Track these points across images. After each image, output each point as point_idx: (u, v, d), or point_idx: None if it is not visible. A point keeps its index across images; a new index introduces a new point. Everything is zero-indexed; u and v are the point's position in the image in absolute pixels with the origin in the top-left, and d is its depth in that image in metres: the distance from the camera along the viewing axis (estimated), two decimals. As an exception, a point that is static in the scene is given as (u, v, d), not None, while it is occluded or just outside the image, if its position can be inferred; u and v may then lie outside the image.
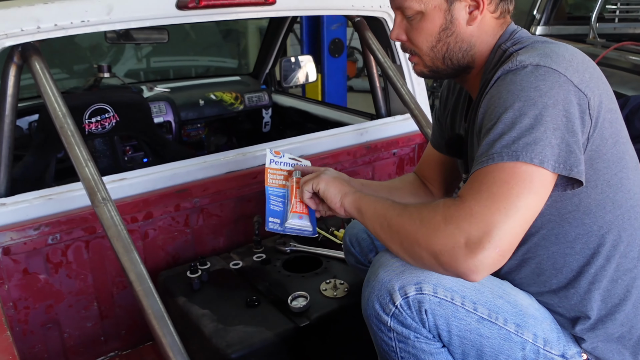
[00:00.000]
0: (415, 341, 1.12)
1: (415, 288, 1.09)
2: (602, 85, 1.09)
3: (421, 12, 1.17)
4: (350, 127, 2.18)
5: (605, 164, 1.07)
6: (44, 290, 1.61)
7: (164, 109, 2.74)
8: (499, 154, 0.99)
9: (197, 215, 1.83)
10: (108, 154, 2.20)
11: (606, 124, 1.06)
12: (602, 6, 4.44)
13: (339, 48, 4.88)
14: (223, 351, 1.35)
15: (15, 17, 1.44)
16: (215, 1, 1.64)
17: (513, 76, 1.04)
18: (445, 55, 1.19)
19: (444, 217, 1.00)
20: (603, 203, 1.09)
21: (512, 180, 0.97)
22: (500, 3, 1.18)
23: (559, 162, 0.98)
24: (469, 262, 0.97)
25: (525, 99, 1.00)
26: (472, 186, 1.01)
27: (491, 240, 0.95)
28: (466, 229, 0.97)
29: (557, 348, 1.14)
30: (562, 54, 1.06)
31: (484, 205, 0.97)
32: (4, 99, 1.52)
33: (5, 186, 1.56)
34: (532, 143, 0.97)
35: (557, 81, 1.01)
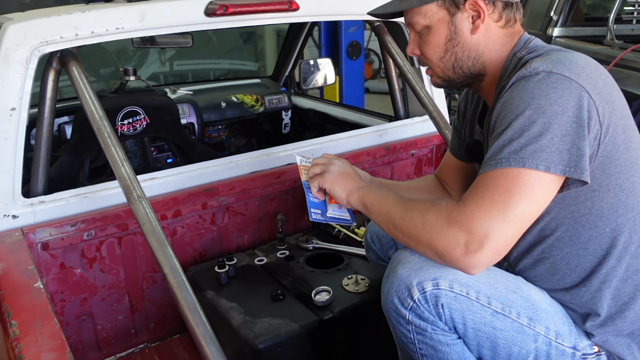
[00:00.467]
0: (432, 333, 1.18)
1: (432, 284, 1.14)
2: (614, 93, 1.13)
3: (428, 26, 1.24)
4: (370, 129, 2.24)
5: (618, 169, 1.12)
6: (79, 284, 1.69)
7: (187, 111, 2.82)
8: (507, 159, 1.05)
9: (223, 213, 1.90)
10: (139, 154, 2.29)
11: (619, 130, 1.11)
12: (619, 7, 4.44)
13: (357, 50, 4.93)
14: (251, 342, 1.42)
15: (55, 25, 1.52)
16: (242, 8, 1.71)
17: (526, 83, 1.09)
18: (454, 64, 1.26)
19: (446, 220, 1.08)
20: (615, 206, 1.14)
21: (513, 189, 1.04)
22: (505, 11, 1.22)
23: (570, 166, 1.04)
24: (468, 261, 1.07)
25: (535, 107, 1.05)
26: (477, 190, 1.08)
27: (489, 242, 1.04)
28: (467, 232, 1.06)
29: (568, 340, 1.18)
30: (576, 61, 1.10)
31: (484, 210, 1.05)
32: (43, 102, 1.61)
33: (43, 185, 1.64)
34: (539, 150, 1.03)
35: (568, 88, 1.05)
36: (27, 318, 1.15)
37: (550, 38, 4.87)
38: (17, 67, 1.49)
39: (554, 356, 1.18)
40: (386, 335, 1.39)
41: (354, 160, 2.11)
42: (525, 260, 1.25)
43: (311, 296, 1.56)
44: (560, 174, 1.04)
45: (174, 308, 1.88)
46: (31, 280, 1.29)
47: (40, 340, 1.07)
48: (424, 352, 1.21)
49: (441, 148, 2.34)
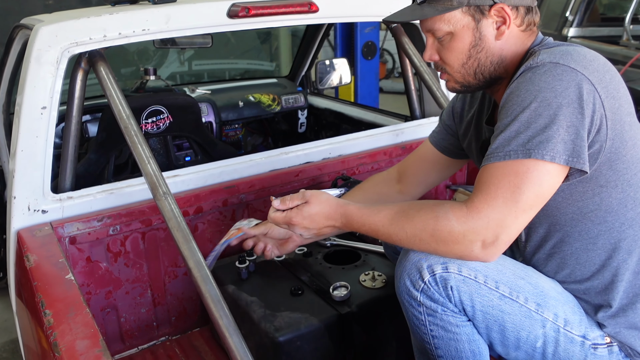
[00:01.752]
0: (443, 314, 1.23)
1: (441, 267, 1.19)
2: (621, 89, 1.16)
3: (451, 33, 1.24)
4: (386, 128, 2.27)
5: (625, 165, 1.15)
6: (104, 278, 1.75)
7: (205, 110, 2.88)
8: (515, 151, 1.08)
9: (243, 210, 1.94)
10: (162, 152, 2.35)
11: (626, 127, 1.14)
12: (636, 7, 4.42)
13: (372, 51, 4.96)
14: (272, 334, 1.46)
15: (85, 27, 1.57)
16: (263, 10, 1.76)
17: (532, 74, 1.11)
18: (477, 70, 1.26)
19: (462, 231, 1.12)
20: (624, 201, 1.17)
21: (523, 185, 1.08)
22: (526, 16, 1.24)
23: (574, 156, 1.08)
24: (486, 255, 1.14)
25: (541, 100, 1.08)
26: (489, 189, 1.10)
27: (502, 236, 1.11)
28: (483, 234, 1.11)
29: (578, 329, 1.22)
30: (584, 55, 1.13)
31: (497, 210, 1.09)
32: (71, 101, 1.66)
33: (71, 181, 1.70)
34: (544, 141, 1.07)
35: (574, 80, 1.08)
36: (61, 308, 1.20)
37: (565, 38, 4.86)
38: (49, 68, 1.54)
39: (562, 343, 1.21)
40: (402, 330, 1.43)
41: (370, 159, 2.14)
42: (538, 254, 1.29)
43: (329, 291, 1.60)
44: (564, 164, 1.08)
45: (195, 302, 1.94)
46: (62, 272, 1.34)
47: (74, 328, 1.12)
48: (435, 333, 1.26)
49: (457, 148, 2.36)
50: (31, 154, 1.57)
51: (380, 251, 1.79)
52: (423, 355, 1.37)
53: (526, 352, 1.24)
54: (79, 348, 1.07)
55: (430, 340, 1.28)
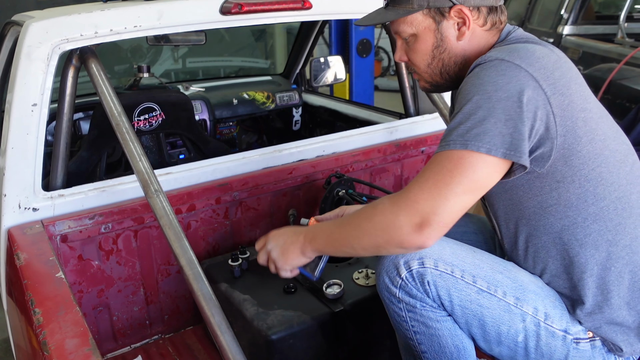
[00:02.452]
0: (422, 310, 1.24)
1: (418, 262, 1.21)
2: (573, 86, 1.16)
3: (414, 35, 1.27)
4: (380, 126, 2.27)
5: (581, 160, 1.15)
6: (96, 276, 1.74)
7: (199, 107, 2.86)
8: (454, 141, 1.10)
9: (236, 208, 1.94)
10: (154, 150, 2.33)
11: (579, 123, 1.14)
12: (631, 5, 4.43)
13: (367, 48, 4.95)
14: (264, 333, 1.46)
15: (76, 23, 1.56)
16: (257, 7, 1.75)
17: (480, 70, 1.14)
18: (441, 70, 1.29)
19: (392, 212, 1.14)
20: (584, 196, 1.17)
21: (455, 170, 1.09)
22: (490, 16, 1.25)
23: (511, 149, 1.08)
24: (422, 238, 1.12)
25: (482, 93, 1.10)
26: (423, 173, 1.14)
27: (435, 218, 1.10)
28: (414, 216, 1.11)
29: (559, 323, 1.22)
30: (532, 51, 1.14)
31: (427, 191, 1.11)
32: (63, 98, 1.65)
33: (62, 179, 1.68)
34: (482, 133, 1.08)
35: (516, 75, 1.09)
36: (51, 306, 1.19)
37: (560, 36, 4.87)
38: (39, 64, 1.53)
39: (543, 337, 1.21)
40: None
41: (364, 157, 2.14)
42: (516, 250, 1.30)
43: (322, 289, 1.59)
44: (502, 157, 1.08)
45: (188, 300, 1.93)
46: (53, 271, 1.33)
47: (64, 327, 1.12)
48: (417, 329, 1.26)
49: (451, 145, 2.36)
50: (22, 151, 1.56)
51: (374, 249, 1.78)
52: (408, 351, 1.38)
53: (508, 347, 1.24)
54: (68, 347, 1.06)
55: (413, 337, 1.29)
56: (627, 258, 1.21)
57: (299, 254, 1.34)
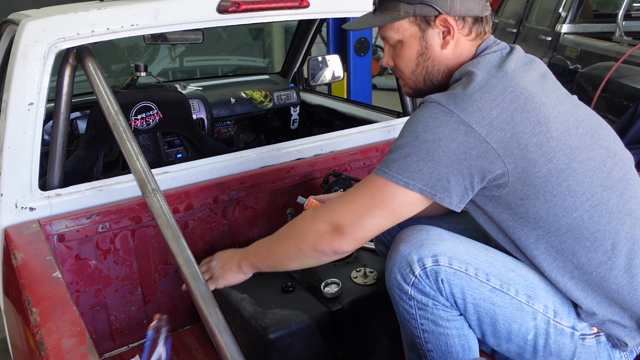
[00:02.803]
0: (434, 308, 1.24)
1: (432, 260, 1.21)
2: (517, 116, 1.14)
3: (400, 41, 1.29)
4: (378, 125, 2.27)
5: (542, 179, 1.16)
6: (93, 275, 1.73)
7: (197, 106, 2.86)
8: (378, 169, 1.20)
9: (234, 207, 1.93)
10: (151, 149, 2.33)
11: (531, 148, 1.14)
12: (629, 4, 4.44)
13: (365, 47, 4.95)
14: (262, 332, 1.46)
15: (72, 22, 1.55)
16: (254, 5, 1.74)
17: (420, 109, 1.19)
18: (425, 77, 1.31)
19: (312, 218, 1.27)
20: (553, 210, 1.19)
21: (376, 193, 1.19)
22: (475, 25, 1.27)
23: (428, 186, 1.15)
24: (334, 244, 1.24)
25: (412, 130, 1.17)
26: (350, 190, 1.26)
27: (347, 229, 1.22)
28: (328, 220, 1.24)
29: (567, 320, 1.23)
30: (471, 94, 1.14)
31: (346, 205, 1.23)
32: (59, 97, 1.64)
33: (59, 178, 1.68)
34: (403, 168, 1.16)
35: (446, 120, 1.13)
36: (47, 306, 1.19)
37: (558, 35, 4.88)
38: (35, 63, 1.52)
39: (553, 335, 1.22)
40: (394, 327, 1.42)
41: (362, 155, 2.14)
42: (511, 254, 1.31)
43: (320, 288, 1.59)
44: (418, 192, 1.15)
45: (186, 300, 1.93)
46: (49, 270, 1.33)
47: (61, 327, 1.11)
48: (425, 327, 1.26)
49: (449, 144, 2.36)
50: (18, 151, 1.55)
51: (372, 247, 1.78)
52: (413, 349, 1.37)
53: (517, 344, 1.24)
54: (65, 346, 1.06)
55: (421, 335, 1.28)
56: (610, 263, 1.21)
57: (236, 270, 1.45)
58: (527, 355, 1.26)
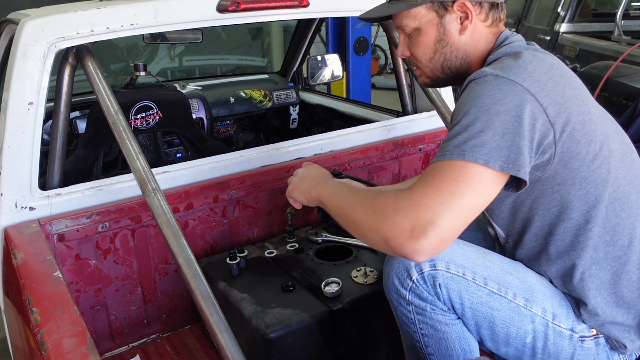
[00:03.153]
0: (432, 313, 1.23)
1: (429, 265, 1.20)
2: (567, 92, 1.16)
3: (417, 29, 1.28)
4: (378, 124, 2.27)
5: (580, 163, 1.16)
6: (93, 275, 1.73)
7: (196, 106, 2.86)
8: (451, 152, 1.09)
9: (234, 206, 1.93)
10: (151, 148, 2.33)
11: (577, 127, 1.14)
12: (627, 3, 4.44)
13: (364, 46, 4.95)
14: (262, 331, 1.46)
15: (72, 22, 1.55)
16: (254, 4, 1.74)
17: (475, 85, 1.14)
18: (443, 64, 1.30)
19: (394, 207, 1.09)
20: (584, 198, 1.18)
21: (460, 179, 1.06)
22: (491, 11, 1.27)
23: (508, 162, 1.07)
24: (413, 246, 1.06)
25: (479, 105, 1.10)
26: (426, 179, 1.10)
27: (433, 229, 1.05)
28: (412, 218, 1.06)
29: (565, 323, 1.22)
30: (524, 66, 1.14)
31: (431, 198, 1.06)
32: (59, 96, 1.64)
33: (59, 178, 1.68)
34: (479, 145, 1.07)
35: (512, 90, 1.10)
36: (48, 306, 1.18)
37: (557, 34, 4.88)
38: (35, 63, 1.52)
39: (551, 337, 1.22)
40: (394, 326, 1.42)
41: (362, 155, 2.14)
42: (520, 250, 1.30)
43: (321, 287, 1.59)
44: (499, 170, 1.07)
45: (186, 299, 1.93)
46: (50, 270, 1.32)
47: (62, 326, 1.11)
48: (425, 332, 1.26)
49: (448, 143, 2.36)
50: (18, 150, 1.55)
51: (372, 247, 1.78)
52: (413, 353, 1.37)
53: (516, 347, 1.24)
54: (66, 346, 1.06)
55: (420, 339, 1.28)
56: (625, 258, 1.21)
57: (304, 192, 1.40)
58: (525, 358, 1.26)
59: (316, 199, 1.36)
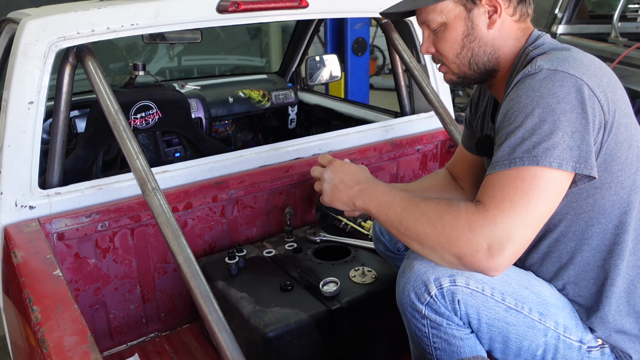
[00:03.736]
0: (447, 328, 1.21)
1: (449, 280, 1.16)
2: (618, 91, 1.15)
3: (444, 23, 1.24)
4: (376, 124, 2.28)
5: (620, 167, 1.14)
6: (93, 274, 1.74)
7: (195, 106, 2.86)
8: (521, 158, 1.06)
9: (233, 206, 1.94)
10: (151, 148, 2.34)
11: (622, 129, 1.13)
12: (624, 5, 4.45)
13: (362, 47, 4.96)
14: (261, 330, 1.46)
15: (72, 21, 1.56)
16: (253, 5, 1.75)
17: (532, 81, 1.10)
18: (470, 60, 1.26)
19: (468, 224, 1.06)
20: (617, 203, 1.17)
21: (531, 191, 1.05)
22: (519, 6, 1.24)
23: (580, 162, 1.06)
24: (490, 264, 1.06)
25: (544, 106, 1.06)
26: (495, 193, 1.07)
27: (510, 246, 1.04)
28: (489, 237, 1.05)
29: (575, 334, 1.22)
30: (580, 59, 1.13)
31: (506, 215, 1.04)
32: (59, 96, 1.65)
33: (59, 177, 1.68)
34: (551, 147, 1.04)
35: (574, 85, 1.07)
36: (49, 304, 1.19)
37: (554, 35, 4.89)
38: (36, 62, 1.53)
39: (561, 349, 1.21)
40: (392, 325, 1.43)
41: (360, 155, 2.15)
42: (534, 255, 1.28)
43: (319, 287, 1.60)
44: (572, 171, 1.06)
45: (184, 298, 1.93)
46: (50, 268, 1.33)
47: (62, 324, 1.12)
48: (438, 345, 1.24)
49: (446, 144, 2.38)
50: (18, 149, 1.56)
51: (370, 247, 1.79)
52: None
53: (525, 359, 1.23)
54: (67, 344, 1.06)
55: (433, 352, 1.26)
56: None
57: (346, 202, 1.30)
58: None
59: (363, 209, 1.28)
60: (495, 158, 1.11)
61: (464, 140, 1.58)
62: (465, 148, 1.56)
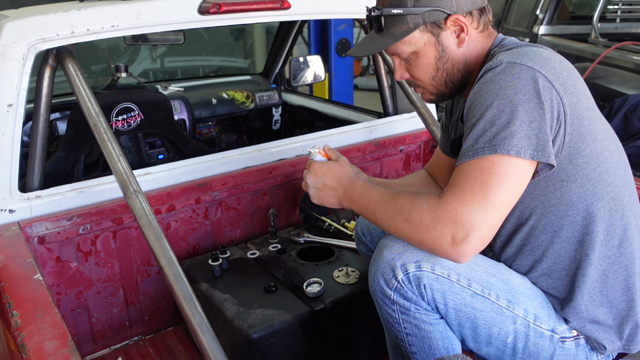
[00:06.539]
0: (416, 312, 1.24)
1: (415, 265, 1.21)
2: (579, 85, 1.19)
3: (415, 52, 1.27)
4: (359, 125, 2.28)
5: (584, 160, 1.18)
6: (74, 278, 1.72)
7: (178, 107, 2.85)
8: (482, 149, 1.11)
9: (216, 208, 1.93)
10: (133, 150, 2.32)
11: (584, 122, 1.16)
12: (604, 6, 4.52)
13: (346, 48, 4.97)
14: (245, 332, 1.46)
15: (52, 23, 1.54)
16: (235, 6, 1.75)
17: (492, 74, 1.15)
18: (446, 80, 1.30)
19: (431, 218, 1.14)
20: (584, 196, 1.20)
21: (490, 180, 1.10)
22: (481, 17, 1.28)
23: (538, 150, 1.10)
24: (457, 252, 1.13)
25: (502, 97, 1.11)
26: (457, 184, 1.13)
27: (473, 233, 1.11)
28: (452, 228, 1.11)
29: (547, 324, 1.24)
30: (540, 54, 1.17)
31: (466, 204, 1.10)
32: (39, 98, 1.63)
33: (39, 180, 1.66)
34: (509, 136, 1.09)
35: (531, 77, 1.11)
36: (29, 308, 1.18)
37: (536, 36, 4.95)
38: (14, 64, 1.51)
39: (532, 338, 1.24)
40: (376, 325, 1.44)
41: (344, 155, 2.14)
42: (508, 249, 1.31)
43: (303, 288, 1.60)
44: (530, 158, 1.10)
45: (168, 301, 1.92)
46: (30, 273, 1.32)
47: (42, 329, 1.11)
48: (409, 331, 1.27)
49: (429, 144, 2.39)
50: (-3, 153, 1.54)
51: (354, 247, 1.80)
52: (397, 352, 1.39)
53: (497, 347, 1.26)
54: (47, 349, 1.05)
55: (404, 338, 1.29)
56: (614, 258, 1.24)
57: (336, 204, 1.37)
58: (506, 358, 1.28)
59: (350, 209, 1.36)
60: (461, 151, 1.16)
61: (440, 144, 1.62)
62: (442, 151, 1.60)
